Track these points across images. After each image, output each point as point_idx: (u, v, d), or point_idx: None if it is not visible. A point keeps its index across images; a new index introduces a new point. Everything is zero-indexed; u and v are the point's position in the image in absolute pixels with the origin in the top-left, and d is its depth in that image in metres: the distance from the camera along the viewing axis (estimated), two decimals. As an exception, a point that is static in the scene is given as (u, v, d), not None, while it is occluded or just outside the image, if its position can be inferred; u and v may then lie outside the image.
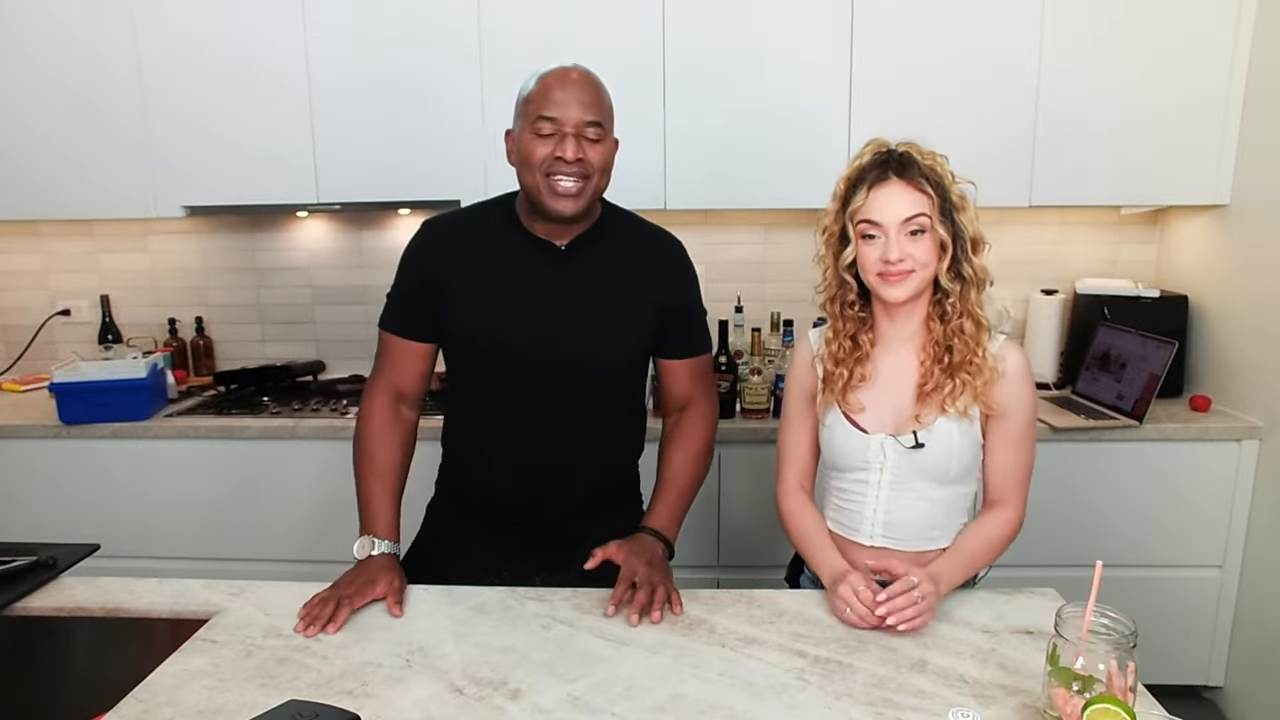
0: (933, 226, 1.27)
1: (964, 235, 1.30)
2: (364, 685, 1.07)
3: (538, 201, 1.35)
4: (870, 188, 1.28)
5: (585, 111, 1.32)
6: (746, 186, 2.35)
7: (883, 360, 1.37)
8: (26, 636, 1.28)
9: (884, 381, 1.36)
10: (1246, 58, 2.23)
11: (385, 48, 2.32)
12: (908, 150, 1.30)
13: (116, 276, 2.83)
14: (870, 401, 1.36)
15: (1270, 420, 2.17)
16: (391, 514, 1.43)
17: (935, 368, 1.32)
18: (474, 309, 1.41)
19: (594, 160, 1.34)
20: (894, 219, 1.27)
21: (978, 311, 1.31)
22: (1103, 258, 2.70)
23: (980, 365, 1.30)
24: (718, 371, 2.33)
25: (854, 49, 2.27)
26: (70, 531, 2.30)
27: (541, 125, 1.32)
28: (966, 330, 1.30)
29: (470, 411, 1.49)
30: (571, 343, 1.40)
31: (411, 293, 1.45)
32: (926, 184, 1.27)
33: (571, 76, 1.34)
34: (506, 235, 1.43)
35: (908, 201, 1.27)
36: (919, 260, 1.27)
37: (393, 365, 1.47)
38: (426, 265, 1.44)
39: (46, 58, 2.37)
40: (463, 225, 1.47)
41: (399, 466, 1.47)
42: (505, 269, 1.41)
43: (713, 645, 1.16)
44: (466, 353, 1.45)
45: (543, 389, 1.41)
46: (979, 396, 1.30)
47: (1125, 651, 0.93)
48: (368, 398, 1.48)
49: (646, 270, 1.47)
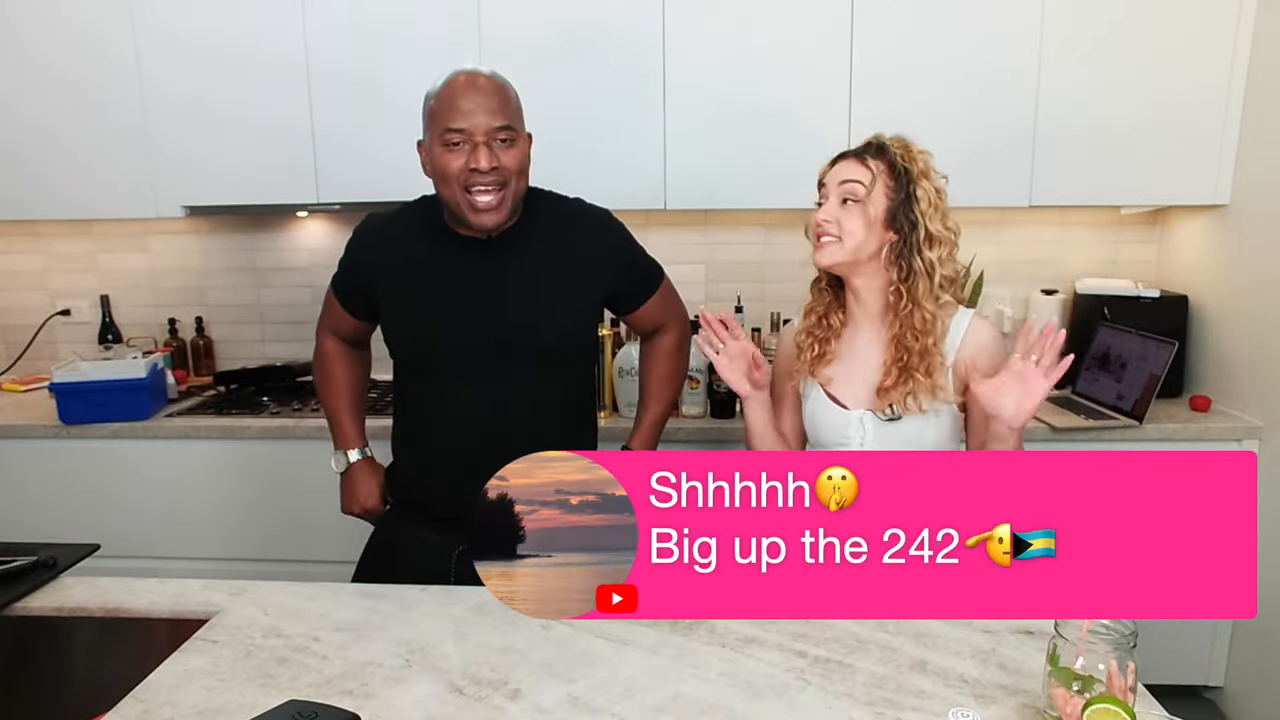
0: (865, 199, 1.32)
1: (920, 227, 1.33)
2: (364, 685, 1.07)
3: (460, 216, 1.37)
4: (834, 163, 1.38)
5: (493, 118, 1.33)
6: (746, 186, 2.35)
7: (855, 339, 1.43)
8: (26, 636, 1.28)
9: (855, 360, 1.42)
10: (1246, 57, 2.23)
11: (384, 44, 2.32)
12: (884, 139, 1.37)
13: (116, 276, 2.83)
14: (843, 378, 1.42)
15: (1270, 420, 2.17)
16: (356, 426, 1.62)
17: (894, 367, 1.36)
18: (403, 310, 1.46)
19: (509, 164, 1.34)
20: (833, 183, 1.35)
21: (926, 304, 1.34)
22: (1103, 258, 2.70)
23: (933, 365, 1.34)
24: (718, 372, 2.33)
25: (854, 48, 2.27)
26: (70, 531, 2.30)
27: (450, 136, 1.33)
28: (915, 322, 1.34)
29: (408, 409, 1.53)
30: (501, 328, 1.41)
31: (347, 283, 1.55)
32: (883, 164, 1.33)
33: (476, 82, 1.34)
34: (433, 232, 1.45)
35: (849, 170, 1.34)
36: (845, 228, 1.33)
37: (334, 321, 1.62)
38: (356, 267, 1.51)
39: (46, 58, 2.37)
40: (392, 225, 1.50)
41: (356, 382, 1.65)
42: (430, 267, 1.44)
43: (713, 645, 1.16)
44: (400, 353, 1.51)
45: (475, 378, 1.43)
46: (936, 392, 1.34)
47: (1125, 651, 0.93)
48: (318, 338, 1.65)
49: (572, 246, 1.47)
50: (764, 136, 2.32)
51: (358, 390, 1.66)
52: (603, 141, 2.33)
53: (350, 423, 1.62)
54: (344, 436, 1.62)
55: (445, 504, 1.46)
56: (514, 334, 1.41)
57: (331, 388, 1.63)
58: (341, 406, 1.62)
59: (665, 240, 2.67)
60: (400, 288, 1.45)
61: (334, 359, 1.64)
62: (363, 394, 1.68)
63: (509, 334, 1.41)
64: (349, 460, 1.60)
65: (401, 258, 1.46)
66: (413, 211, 1.51)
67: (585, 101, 2.31)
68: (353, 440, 1.61)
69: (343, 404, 1.62)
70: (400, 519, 1.57)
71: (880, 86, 2.28)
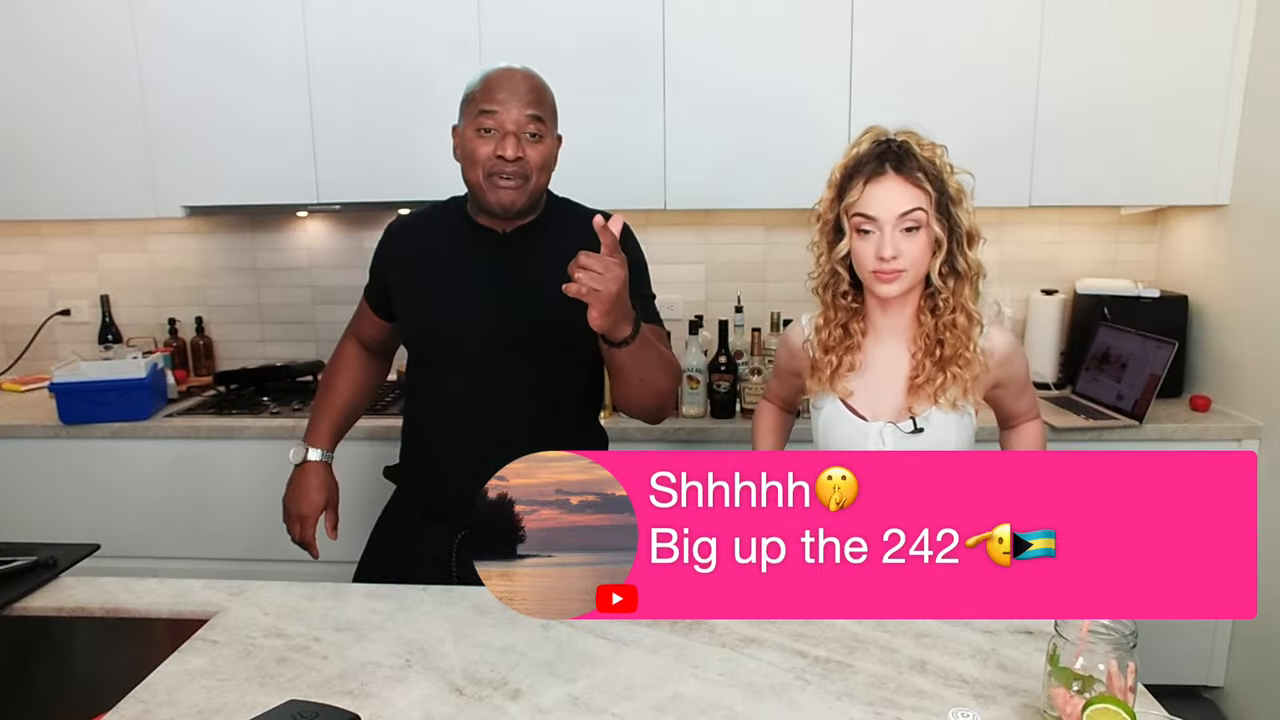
0: (928, 223, 1.26)
1: (960, 229, 1.29)
2: (364, 685, 1.07)
3: (480, 197, 1.41)
4: (867, 181, 1.26)
5: (526, 108, 1.37)
6: (746, 186, 2.35)
7: (874, 350, 1.37)
8: (26, 636, 1.28)
9: (877, 371, 1.37)
10: (1246, 58, 2.23)
11: (384, 44, 2.32)
12: (906, 140, 1.28)
13: (116, 276, 2.83)
14: (863, 389, 1.37)
15: (1270, 420, 2.17)
16: (327, 427, 1.61)
17: (926, 361, 1.32)
18: (413, 300, 1.49)
19: (533, 159, 1.38)
20: (889, 215, 1.25)
21: (970, 306, 1.31)
22: (1103, 258, 2.70)
23: (970, 359, 1.30)
24: (717, 372, 2.33)
25: (854, 48, 2.27)
26: (70, 531, 2.30)
27: (483, 120, 1.36)
28: (959, 324, 1.30)
29: (414, 399, 1.56)
30: (505, 323, 1.42)
31: (375, 284, 1.58)
32: (924, 178, 1.25)
33: (515, 75, 1.38)
34: (454, 229, 1.48)
35: (904, 197, 1.25)
36: (912, 259, 1.26)
37: (360, 323, 1.66)
38: (380, 266, 1.55)
39: (49, 56, 2.37)
40: (416, 223, 1.55)
41: (353, 392, 1.65)
42: (446, 260, 1.47)
43: (713, 645, 1.16)
44: (409, 344, 1.54)
45: (478, 371, 1.44)
46: (968, 390, 1.31)
47: (1125, 651, 0.93)
48: (340, 340, 1.69)
49: (580, 246, 1.44)
50: (765, 136, 2.31)
51: (351, 400, 1.65)
52: (603, 141, 2.33)
53: (326, 424, 1.61)
54: (313, 433, 1.60)
55: (447, 494, 1.47)
56: (517, 329, 1.42)
57: (326, 388, 1.65)
58: (327, 407, 1.62)
59: (665, 240, 2.67)
60: (412, 277, 1.49)
61: (343, 363, 1.66)
62: (355, 405, 1.67)
63: (512, 329, 1.42)
64: (305, 455, 1.58)
65: (418, 250, 1.50)
66: (438, 209, 1.56)
67: (586, 101, 2.30)
68: (319, 440, 1.60)
69: (329, 405, 1.62)
70: (406, 506, 1.58)
71: (880, 86, 2.28)
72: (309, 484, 1.57)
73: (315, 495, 1.55)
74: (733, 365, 2.34)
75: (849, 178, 1.29)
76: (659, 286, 1.56)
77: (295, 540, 1.59)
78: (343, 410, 1.63)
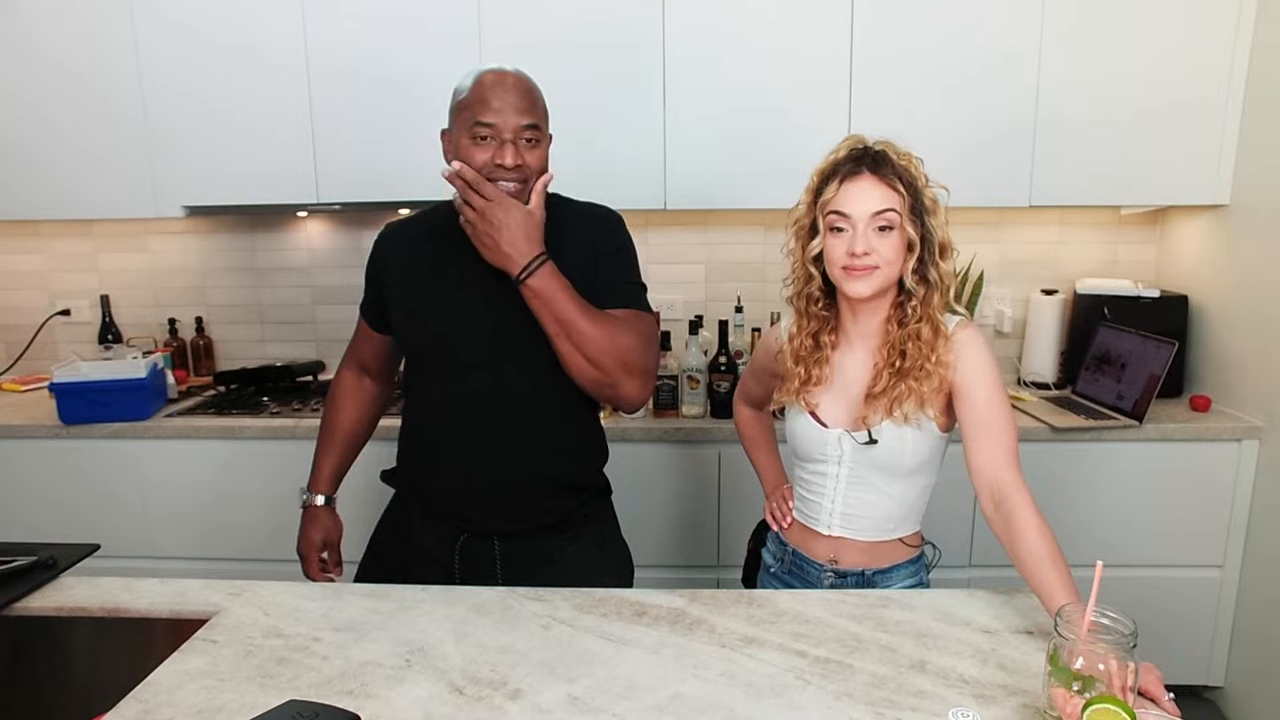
0: (901, 224, 1.27)
1: (933, 238, 1.30)
2: (364, 685, 1.07)
3: None
4: (842, 180, 1.29)
5: (522, 116, 1.35)
6: (746, 186, 2.35)
7: (843, 358, 1.39)
8: (26, 636, 1.28)
9: (844, 377, 1.38)
10: (1246, 58, 2.23)
11: (384, 43, 2.32)
12: (883, 148, 1.31)
13: (116, 276, 2.83)
14: (828, 396, 1.38)
15: (1270, 420, 2.17)
16: (327, 468, 1.65)
17: (886, 371, 1.32)
18: (408, 307, 1.48)
19: (532, 164, 1.37)
20: (863, 212, 1.27)
21: (937, 317, 1.31)
22: (1103, 258, 2.70)
23: (930, 371, 1.29)
24: (717, 372, 2.33)
25: (853, 48, 2.27)
26: (70, 531, 2.31)
27: (479, 130, 1.35)
28: (923, 335, 1.30)
29: (411, 403, 1.54)
30: (499, 325, 1.41)
31: (370, 295, 1.57)
32: (899, 182, 1.28)
33: (506, 81, 1.36)
34: (443, 232, 1.46)
35: (877, 196, 1.27)
36: (884, 257, 1.27)
37: (358, 344, 1.65)
38: (373, 270, 1.55)
39: (50, 56, 2.37)
40: (406, 230, 1.54)
41: (348, 425, 1.67)
42: (440, 265, 1.46)
43: (713, 645, 1.16)
44: (405, 350, 1.54)
45: (473, 374, 1.43)
46: (925, 402, 1.30)
47: (1125, 651, 0.93)
48: (338, 369, 1.69)
49: (568, 240, 1.45)
50: (764, 135, 2.32)
51: (351, 436, 1.68)
52: (602, 141, 2.33)
53: (327, 468, 1.65)
54: (315, 478, 1.66)
55: (444, 497, 1.47)
56: (514, 331, 1.41)
57: (326, 426, 1.67)
58: (327, 449, 1.66)
59: (665, 240, 2.67)
60: (406, 284, 1.48)
61: (341, 397, 1.67)
62: (357, 437, 1.69)
63: (509, 331, 1.41)
64: (304, 501, 1.65)
65: (409, 256, 1.50)
66: (426, 215, 1.54)
67: (585, 101, 2.31)
68: (320, 485, 1.65)
69: (329, 447, 1.66)
70: (406, 508, 1.58)
71: (880, 87, 2.28)
72: (310, 527, 1.63)
73: (315, 537, 1.62)
74: (733, 365, 2.34)
75: (826, 180, 1.31)
76: (659, 286, 1.56)
77: (307, 576, 1.65)
78: (342, 449, 1.67)
